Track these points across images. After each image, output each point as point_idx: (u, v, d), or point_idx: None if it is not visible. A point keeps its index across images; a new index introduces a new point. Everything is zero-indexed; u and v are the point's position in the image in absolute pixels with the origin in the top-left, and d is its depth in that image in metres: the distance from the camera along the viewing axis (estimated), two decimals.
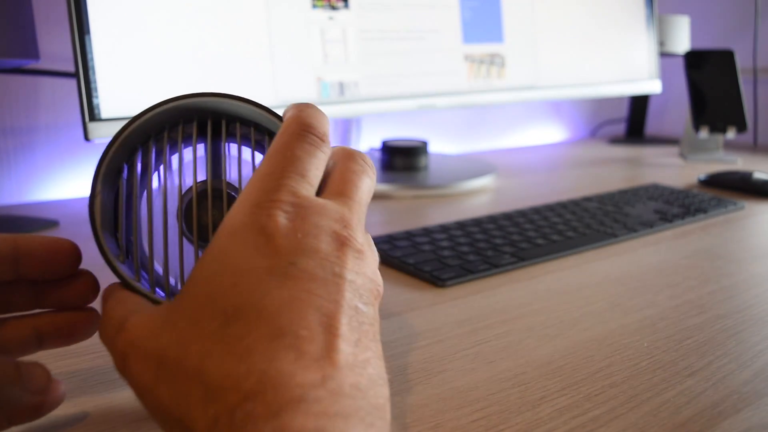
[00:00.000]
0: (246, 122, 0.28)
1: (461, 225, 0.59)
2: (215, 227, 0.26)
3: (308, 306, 0.18)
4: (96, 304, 0.28)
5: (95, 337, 0.37)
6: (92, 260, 0.28)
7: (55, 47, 0.75)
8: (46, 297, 0.27)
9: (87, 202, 0.26)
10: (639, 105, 1.34)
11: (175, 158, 0.28)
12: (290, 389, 0.16)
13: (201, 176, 0.27)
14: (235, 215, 0.21)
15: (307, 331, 0.18)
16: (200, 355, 0.18)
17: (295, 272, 0.19)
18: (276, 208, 0.20)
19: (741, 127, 0.97)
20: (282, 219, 0.20)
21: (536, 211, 0.65)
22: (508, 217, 0.62)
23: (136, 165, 0.27)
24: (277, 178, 0.21)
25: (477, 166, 0.90)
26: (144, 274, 0.27)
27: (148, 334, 0.20)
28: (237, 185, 0.27)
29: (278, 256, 0.19)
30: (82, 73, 0.55)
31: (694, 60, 1.00)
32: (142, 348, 0.20)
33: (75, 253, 0.26)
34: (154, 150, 0.27)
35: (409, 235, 0.55)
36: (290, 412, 0.15)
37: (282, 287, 0.19)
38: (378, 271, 0.24)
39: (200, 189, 0.27)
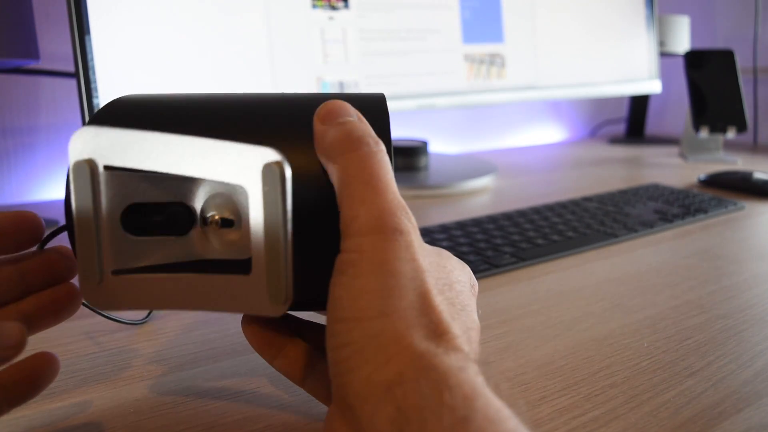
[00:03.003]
0: None
1: (461, 225, 0.59)
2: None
3: None
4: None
5: (94, 338, 0.37)
6: None
7: (55, 47, 0.75)
8: (31, 277, 0.26)
9: None
10: (639, 105, 1.34)
11: None
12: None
13: None
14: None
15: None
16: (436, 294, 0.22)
17: None
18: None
19: (741, 127, 0.97)
20: None
21: (536, 211, 0.65)
22: (508, 217, 0.62)
23: None
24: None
25: (477, 166, 0.90)
26: None
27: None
28: None
29: None
30: (82, 73, 0.55)
31: (694, 60, 1.00)
32: (416, 239, 0.22)
33: (38, 222, 0.26)
34: None
35: None
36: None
37: None
38: None
39: None
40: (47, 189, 0.78)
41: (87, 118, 0.55)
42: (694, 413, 0.29)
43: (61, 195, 0.79)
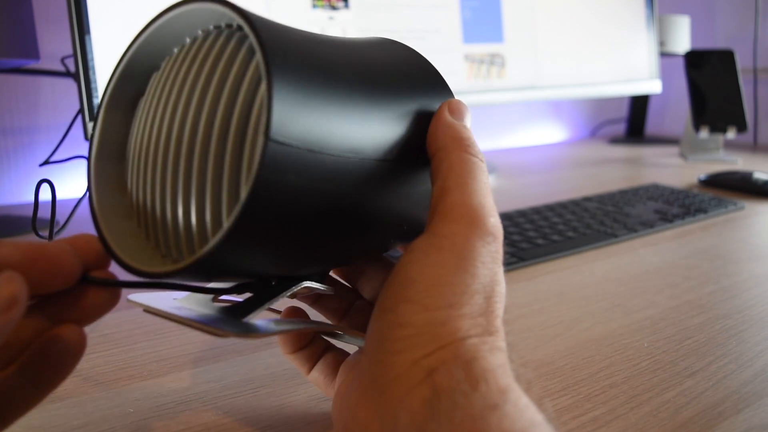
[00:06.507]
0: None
1: None
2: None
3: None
4: None
5: (94, 337, 0.37)
6: None
7: (55, 47, 0.75)
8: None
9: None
10: (639, 105, 1.34)
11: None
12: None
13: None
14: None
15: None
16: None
17: None
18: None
19: (741, 127, 0.97)
20: None
21: (536, 211, 0.65)
22: (508, 217, 0.62)
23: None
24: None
25: None
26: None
27: None
28: None
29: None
30: (82, 73, 0.55)
31: (694, 60, 1.00)
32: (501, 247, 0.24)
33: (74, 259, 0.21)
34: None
35: None
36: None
37: None
38: None
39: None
40: (47, 189, 0.78)
41: (87, 118, 0.55)
42: (694, 413, 0.29)
43: (60, 195, 0.79)
